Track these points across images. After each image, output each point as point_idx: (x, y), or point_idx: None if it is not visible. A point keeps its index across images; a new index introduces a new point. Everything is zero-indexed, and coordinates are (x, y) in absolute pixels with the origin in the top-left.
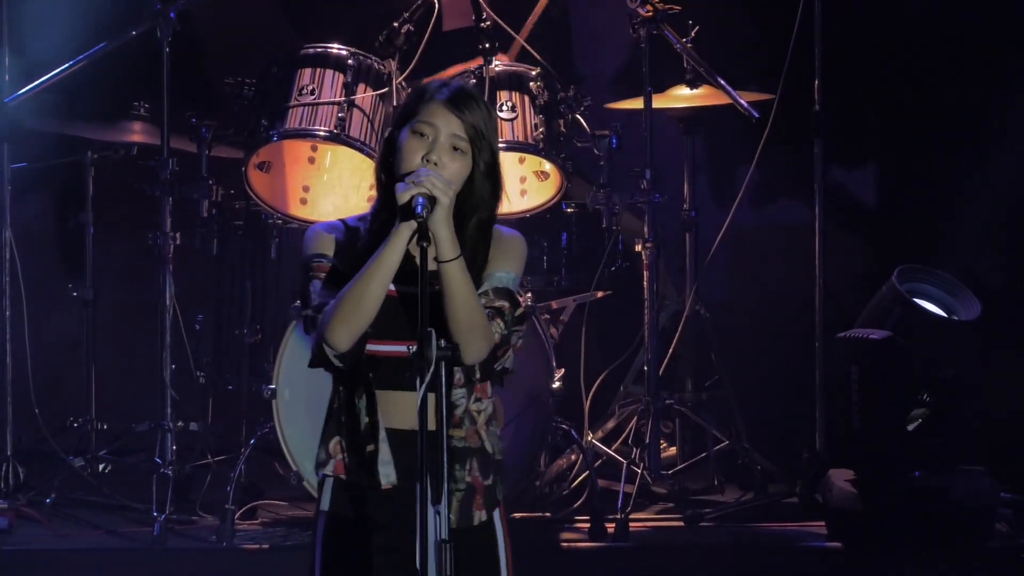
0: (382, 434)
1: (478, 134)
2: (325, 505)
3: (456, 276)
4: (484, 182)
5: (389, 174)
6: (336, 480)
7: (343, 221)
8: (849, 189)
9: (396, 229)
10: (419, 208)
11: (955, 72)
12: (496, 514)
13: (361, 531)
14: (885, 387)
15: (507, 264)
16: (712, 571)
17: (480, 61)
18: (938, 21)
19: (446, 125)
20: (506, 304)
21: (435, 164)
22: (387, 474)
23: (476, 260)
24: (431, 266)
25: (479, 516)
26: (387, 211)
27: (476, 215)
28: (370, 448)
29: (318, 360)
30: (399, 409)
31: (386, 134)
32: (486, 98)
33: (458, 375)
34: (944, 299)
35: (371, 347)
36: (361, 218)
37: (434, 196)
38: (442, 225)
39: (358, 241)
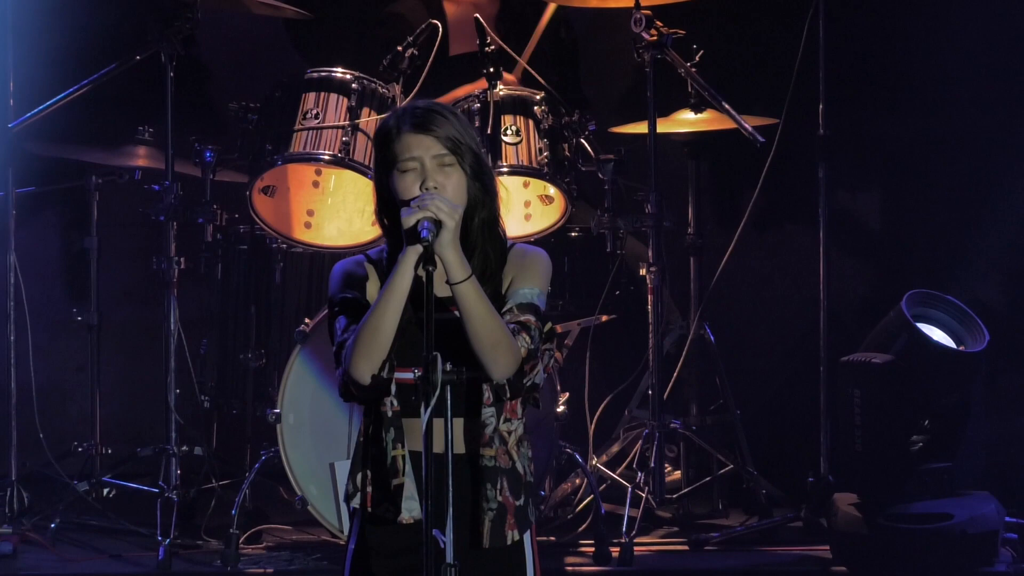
0: (407, 468)
1: (455, 143)
2: (353, 538)
3: (470, 296)
4: (474, 183)
5: (392, 218)
6: (363, 512)
7: (366, 255)
8: (854, 213)
9: (403, 255)
10: (424, 232)
11: (960, 95)
12: (527, 536)
13: (387, 562)
14: (887, 411)
15: (531, 280)
16: None
17: (485, 84)
18: (942, 45)
19: (426, 150)
20: (531, 318)
21: (434, 188)
22: (411, 508)
23: (488, 263)
24: (446, 290)
25: (512, 536)
26: (396, 253)
27: (477, 217)
28: (396, 482)
29: (347, 395)
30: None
31: (376, 183)
32: (490, 122)
33: (487, 394)
34: (953, 327)
35: (395, 375)
36: (381, 251)
37: (439, 220)
38: (449, 248)
39: (379, 272)
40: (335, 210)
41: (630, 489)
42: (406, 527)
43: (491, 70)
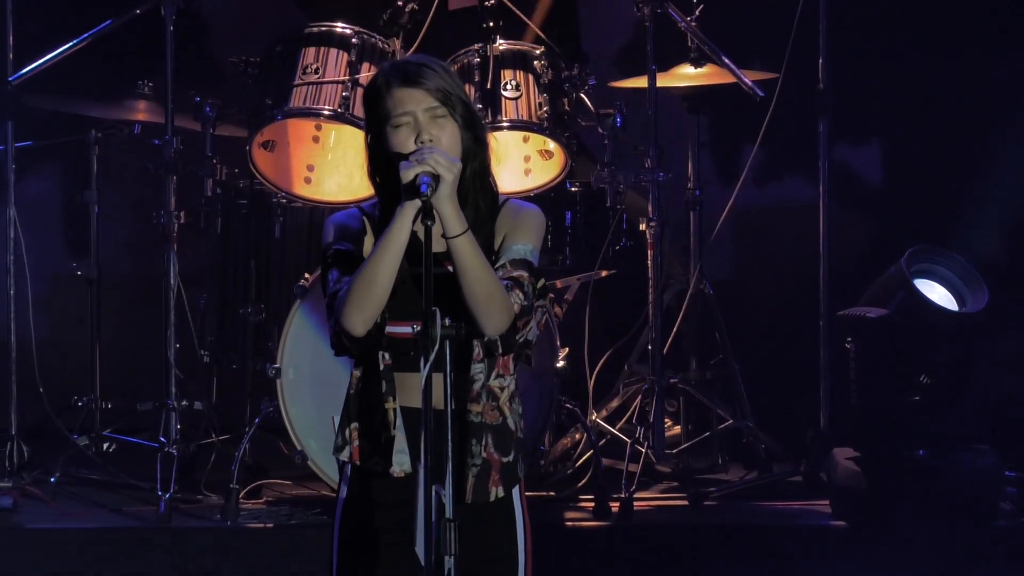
0: (399, 421)
1: (446, 94)
2: (343, 491)
3: (466, 250)
4: (466, 134)
5: (383, 175)
6: (353, 466)
7: (359, 208)
8: (854, 168)
9: (401, 209)
10: (424, 187)
11: (963, 48)
12: (515, 492)
13: (377, 515)
14: (880, 366)
15: (524, 236)
16: (716, 550)
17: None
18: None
19: (417, 103)
20: (524, 274)
21: (430, 141)
22: (401, 462)
23: (479, 213)
24: (440, 244)
25: (496, 492)
26: (392, 210)
27: (469, 167)
28: (386, 435)
29: (338, 347)
30: (416, 389)
31: (367, 142)
32: (490, 77)
33: (477, 349)
34: (955, 283)
35: (388, 329)
36: (374, 204)
37: (438, 174)
38: (446, 202)
39: (374, 227)
40: (335, 165)
41: (629, 444)
42: (396, 480)
43: (491, 24)
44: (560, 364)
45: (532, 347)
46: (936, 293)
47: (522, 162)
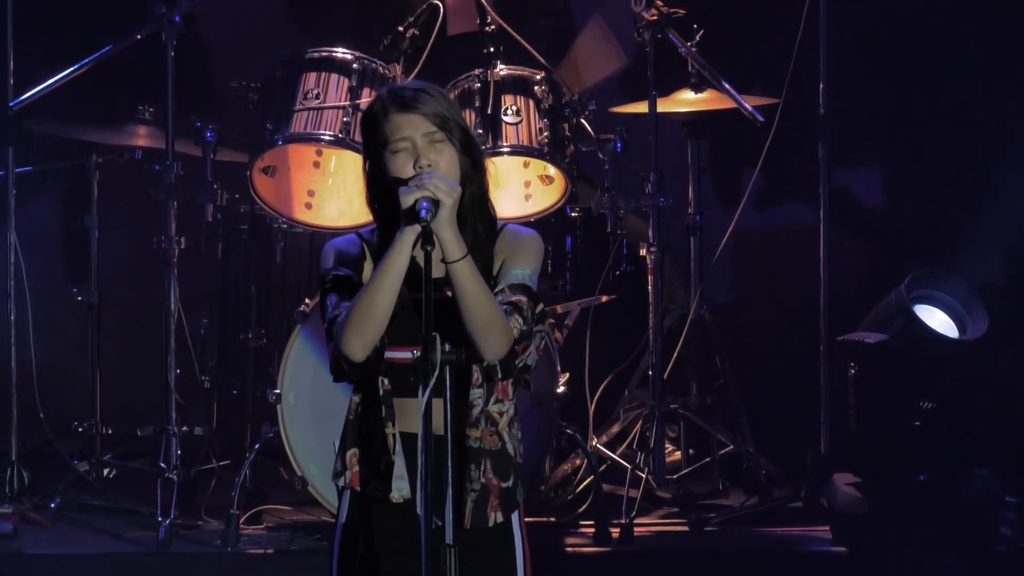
0: (398, 447)
1: (443, 119)
2: (342, 516)
3: (466, 275)
4: (464, 158)
5: (383, 202)
6: (352, 491)
7: (358, 234)
8: (855, 192)
9: (400, 234)
10: (423, 212)
11: (962, 72)
12: (515, 517)
13: (377, 541)
14: (880, 391)
15: (523, 261)
16: None
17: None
18: (945, 22)
19: (415, 129)
20: (523, 299)
21: (428, 166)
22: (400, 488)
23: (478, 237)
24: (440, 270)
25: (494, 517)
26: (390, 236)
27: (467, 191)
28: (385, 461)
29: (337, 372)
30: (415, 414)
31: (365, 168)
32: (491, 102)
33: (476, 375)
34: (956, 309)
35: (387, 354)
36: (373, 230)
37: (437, 199)
38: (446, 226)
39: (373, 253)
40: (336, 190)
41: (630, 469)
42: (396, 506)
43: (491, 49)
44: (561, 389)
45: (531, 372)
46: (936, 319)
47: (522, 187)
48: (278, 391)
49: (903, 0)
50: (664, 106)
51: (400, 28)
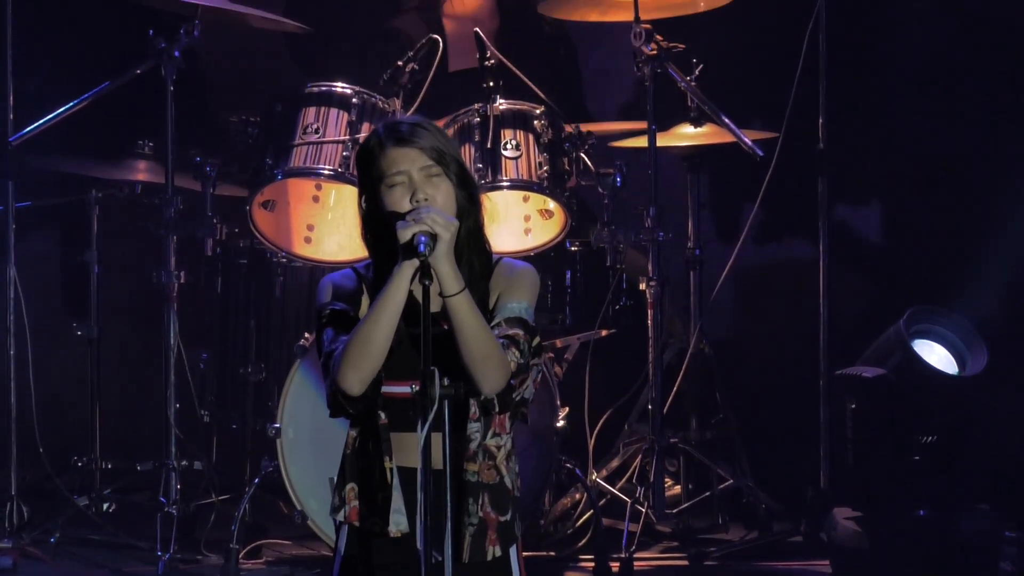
0: (395, 481)
1: (440, 153)
2: (341, 550)
3: (463, 309)
4: (460, 192)
5: (378, 236)
6: (350, 526)
7: (354, 268)
8: (854, 227)
9: (398, 268)
10: (422, 246)
11: (962, 108)
12: (513, 551)
13: (375, 575)
14: (877, 425)
15: (519, 294)
16: None
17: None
18: (945, 59)
19: (412, 163)
20: (520, 332)
21: (425, 200)
22: (398, 522)
23: (473, 271)
24: (437, 304)
25: (493, 551)
26: (386, 271)
27: (463, 225)
28: (383, 495)
29: (335, 407)
30: (413, 448)
31: (361, 204)
32: (490, 136)
33: (473, 409)
34: (956, 344)
35: (384, 389)
36: (368, 266)
37: (435, 233)
38: (443, 260)
39: (369, 288)
40: (335, 225)
41: (630, 503)
42: (394, 540)
43: (491, 84)
44: (560, 423)
45: (528, 405)
46: (935, 354)
47: (522, 221)
48: (278, 425)
49: (903, 37)
50: (664, 140)
51: (400, 62)
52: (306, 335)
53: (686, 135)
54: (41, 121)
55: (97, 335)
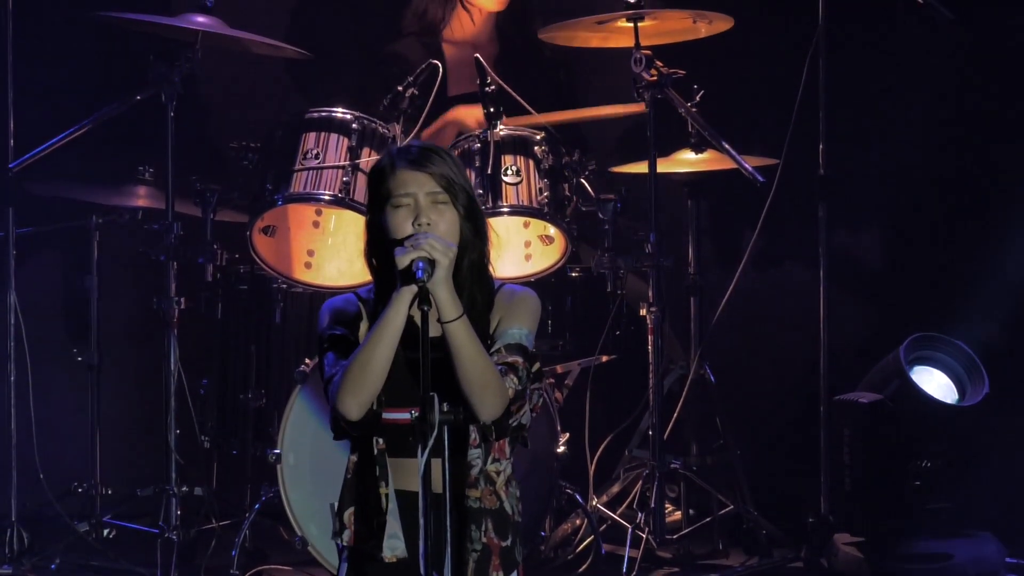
0: (392, 506)
1: (450, 182)
2: (341, 574)
3: (461, 335)
4: (466, 224)
5: (380, 258)
6: (350, 550)
7: (355, 293)
8: (854, 253)
9: (397, 294)
10: (419, 272)
11: (963, 133)
12: None
13: None
14: (874, 451)
15: (520, 321)
16: None
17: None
18: (945, 84)
19: (420, 186)
20: (519, 359)
21: (427, 225)
22: (394, 547)
23: (475, 304)
24: (436, 329)
25: None
26: (386, 294)
27: (467, 258)
28: (379, 520)
29: (337, 430)
30: (413, 474)
31: (367, 221)
32: (490, 162)
33: (473, 435)
34: (957, 371)
35: (384, 415)
36: (370, 290)
37: (433, 259)
38: (442, 287)
39: (369, 313)
40: (335, 250)
41: (630, 529)
42: (394, 565)
43: (491, 110)
44: (561, 449)
45: (527, 430)
46: (935, 380)
47: (522, 247)
48: (278, 451)
49: (903, 61)
50: (664, 166)
51: (400, 87)
52: (306, 361)
53: (687, 161)
54: (41, 147)
55: (97, 361)
